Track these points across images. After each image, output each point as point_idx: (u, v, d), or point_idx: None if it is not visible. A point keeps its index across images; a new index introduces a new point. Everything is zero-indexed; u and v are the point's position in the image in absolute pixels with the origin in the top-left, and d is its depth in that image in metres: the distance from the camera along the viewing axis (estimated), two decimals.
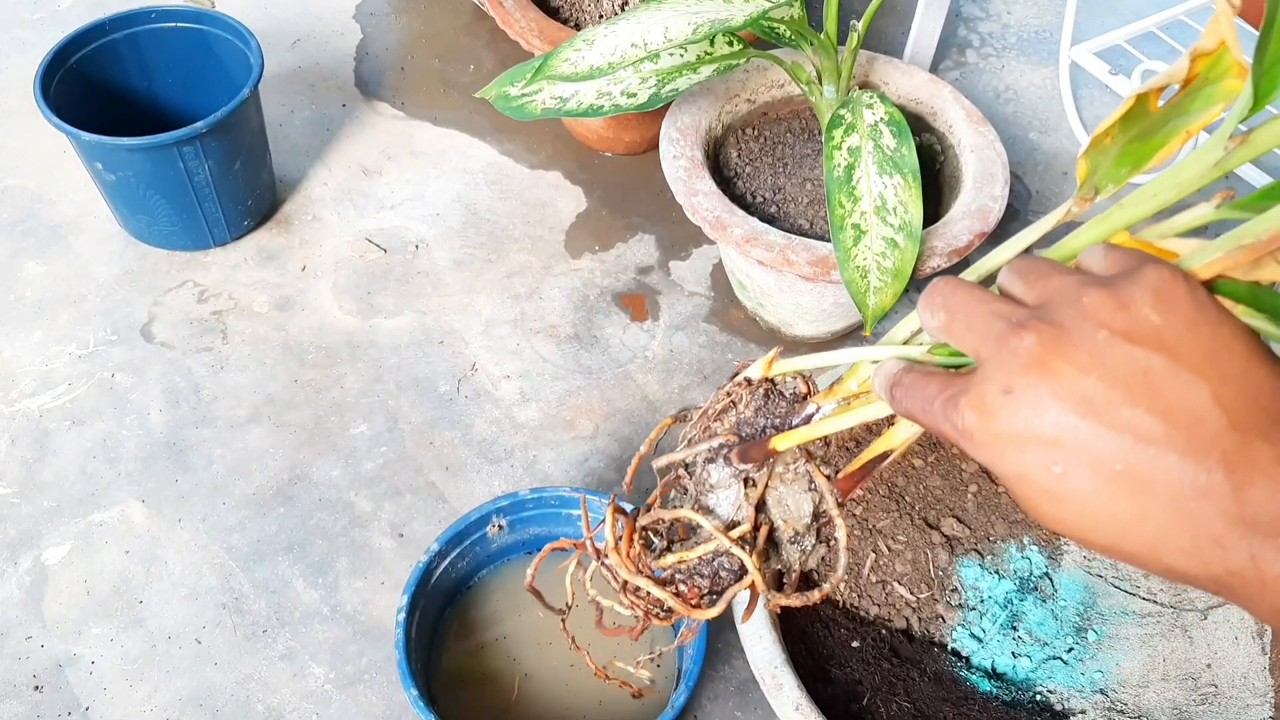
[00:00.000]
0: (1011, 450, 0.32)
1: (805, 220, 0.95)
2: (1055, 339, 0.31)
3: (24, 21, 1.31)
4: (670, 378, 1.00)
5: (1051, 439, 0.31)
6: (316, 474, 0.92)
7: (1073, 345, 0.31)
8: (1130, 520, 0.30)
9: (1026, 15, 1.44)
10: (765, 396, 0.47)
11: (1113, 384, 0.30)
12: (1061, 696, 0.72)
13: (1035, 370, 0.31)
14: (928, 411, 0.35)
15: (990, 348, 0.33)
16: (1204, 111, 0.42)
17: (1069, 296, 0.33)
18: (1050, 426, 0.31)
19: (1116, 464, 0.30)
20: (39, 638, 0.81)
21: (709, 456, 0.47)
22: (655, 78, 0.90)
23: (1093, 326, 0.31)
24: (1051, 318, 0.32)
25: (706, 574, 0.47)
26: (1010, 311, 0.33)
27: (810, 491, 0.46)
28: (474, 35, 1.34)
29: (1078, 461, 0.30)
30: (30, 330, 1.00)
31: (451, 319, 1.04)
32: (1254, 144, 0.37)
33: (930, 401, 0.35)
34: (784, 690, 0.63)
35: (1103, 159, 0.44)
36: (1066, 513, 0.31)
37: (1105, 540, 0.31)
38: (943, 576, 0.77)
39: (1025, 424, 0.31)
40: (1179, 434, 0.30)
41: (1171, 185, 0.39)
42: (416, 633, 0.73)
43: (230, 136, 0.99)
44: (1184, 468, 0.29)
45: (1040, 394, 0.31)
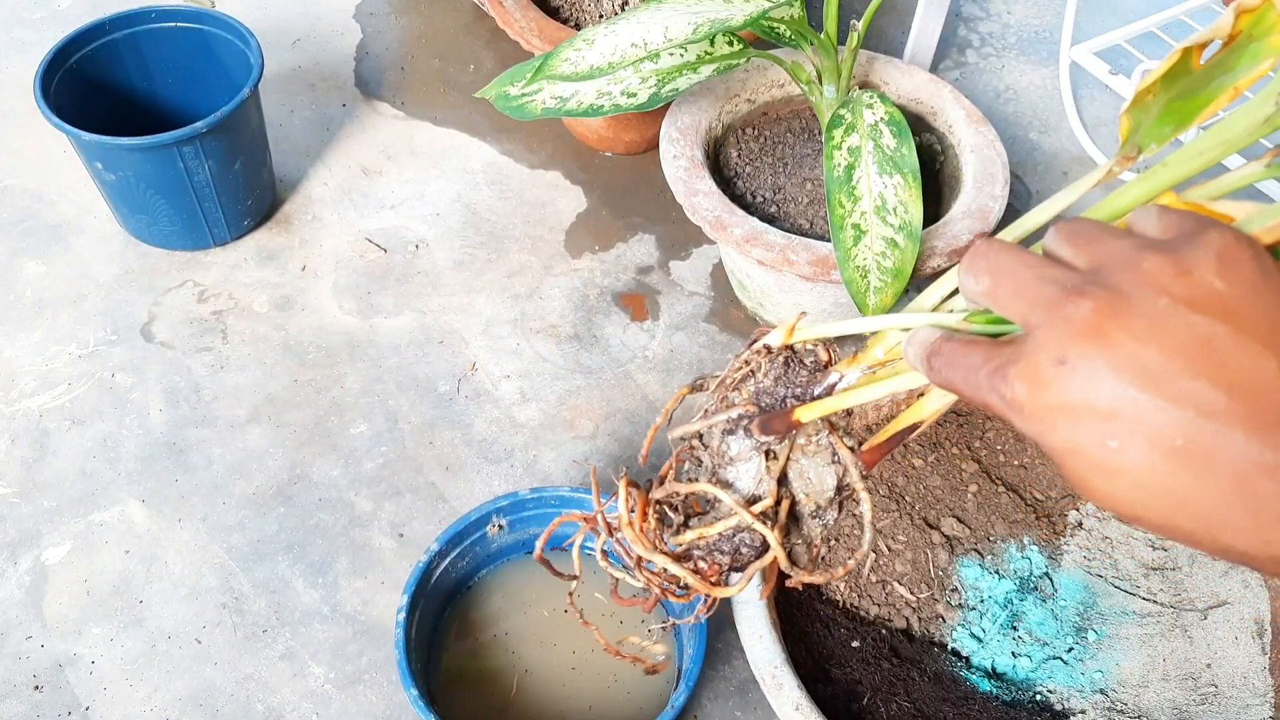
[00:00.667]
0: (1064, 423, 0.30)
1: (805, 220, 0.95)
2: (1113, 306, 0.30)
3: (24, 21, 1.31)
4: (670, 378, 1.00)
5: (1108, 411, 0.29)
6: (316, 474, 0.92)
7: (1131, 313, 0.29)
8: (1188, 497, 0.29)
9: (1026, 15, 1.44)
10: (785, 365, 0.45)
11: (1173, 354, 0.29)
12: (1061, 696, 0.72)
13: (1091, 339, 0.29)
14: (971, 382, 0.33)
15: (1041, 314, 0.31)
16: (1252, 68, 0.40)
17: (1126, 260, 0.31)
18: (1106, 398, 0.29)
19: (1176, 438, 0.28)
20: (39, 637, 0.81)
21: (728, 428, 0.45)
22: (655, 77, 0.90)
23: (1153, 293, 0.29)
24: (1108, 283, 0.30)
25: (727, 550, 0.45)
26: (1062, 276, 0.31)
27: (834, 464, 0.44)
28: (474, 35, 1.34)
29: (1135, 435, 0.29)
30: (30, 330, 1.00)
31: (451, 319, 1.04)
32: None
33: (974, 372, 0.33)
34: (784, 690, 0.63)
35: (1145, 116, 0.42)
36: (1120, 489, 0.30)
37: (1159, 518, 0.30)
38: (943, 576, 0.77)
39: (1080, 395, 0.29)
40: (1243, 408, 0.28)
41: (1219, 143, 0.38)
42: (416, 632, 0.73)
43: (230, 136, 0.99)
44: (1248, 444, 0.28)
45: (1096, 364, 0.29)
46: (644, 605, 0.50)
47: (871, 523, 0.45)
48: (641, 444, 0.94)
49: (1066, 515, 0.81)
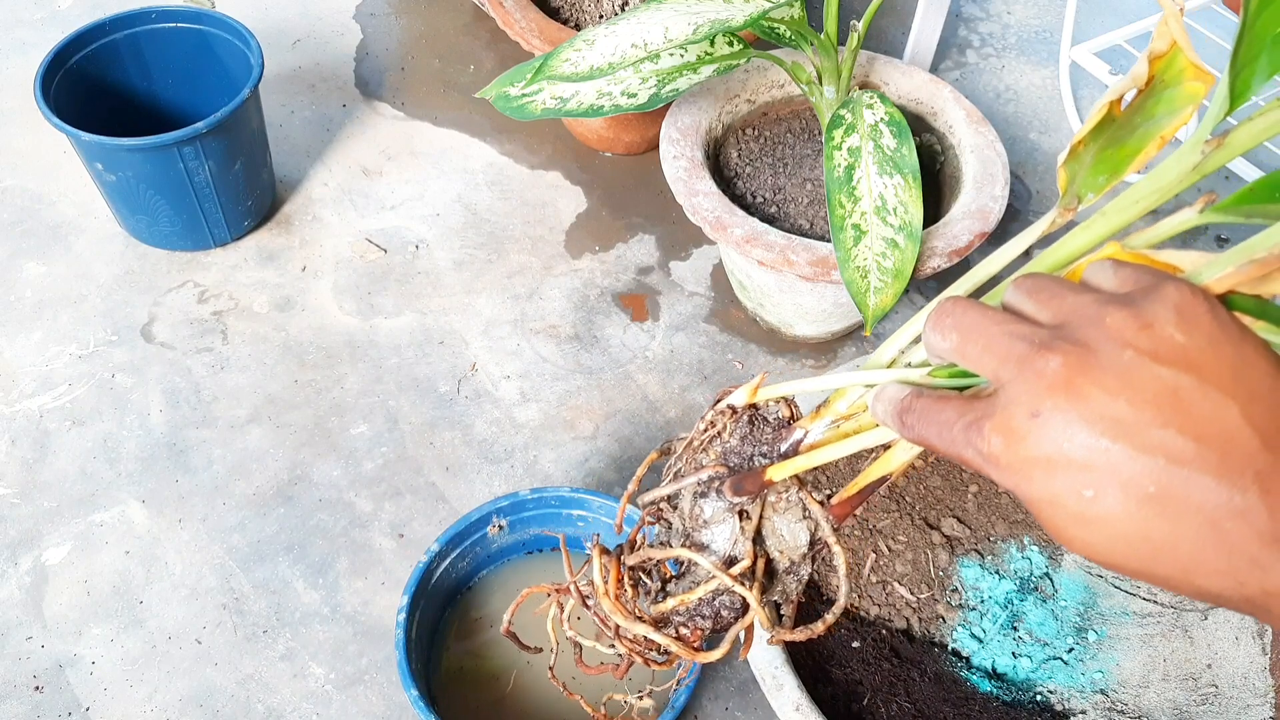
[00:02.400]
0: (1040, 474, 0.31)
1: (805, 220, 0.95)
2: (1081, 360, 0.31)
3: (24, 22, 1.31)
4: (670, 378, 1.00)
5: (1082, 462, 0.30)
6: (317, 474, 0.92)
7: (1099, 366, 0.30)
8: (1163, 543, 0.30)
9: (1026, 15, 1.44)
10: (750, 424, 0.45)
11: (1142, 405, 0.30)
12: (1062, 696, 0.72)
13: (1062, 392, 0.30)
14: (945, 438, 0.34)
15: (1012, 370, 0.32)
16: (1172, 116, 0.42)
17: (1089, 316, 0.32)
18: (1080, 449, 0.30)
19: (1149, 486, 0.29)
20: (39, 638, 0.81)
21: (699, 490, 0.45)
22: (655, 78, 0.90)
23: (1118, 346, 0.31)
24: (1074, 337, 0.31)
25: (708, 614, 0.45)
26: (1029, 332, 0.32)
27: (805, 519, 0.45)
28: (474, 36, 1.34)
29: (1109, 484, 0.30)
30: (30, 331, 1.00)
31: (452, 319, 1.04)
32: (1230, 146, 0.37)
33: (948, 428, 0.34)
34: (784, 690, 0.63)
35: (1079, 168, 0.44)
36: (1097, 537, 0.31)
37: (1137, 565, 0.31)
38: (943, 577, 0.77)
39: (1054, 447, 0.30)
40: (1211, 454, 0.29)
41: (1152, 190, 0.39)
42: (417, 633, 0.73)
43: (230, 137, 0.99)
44: (1218, 489, 0.29)
45: (1069, 417, 0.30)
46: (615, 673, 0.49)
47: (847, 576, 0.45)
48: (642, 444, 0.95)
49: None
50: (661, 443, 0.49)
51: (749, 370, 1.01)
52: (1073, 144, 0.43)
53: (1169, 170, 0.39)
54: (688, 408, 0.98)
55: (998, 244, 0.43)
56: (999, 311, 0.34)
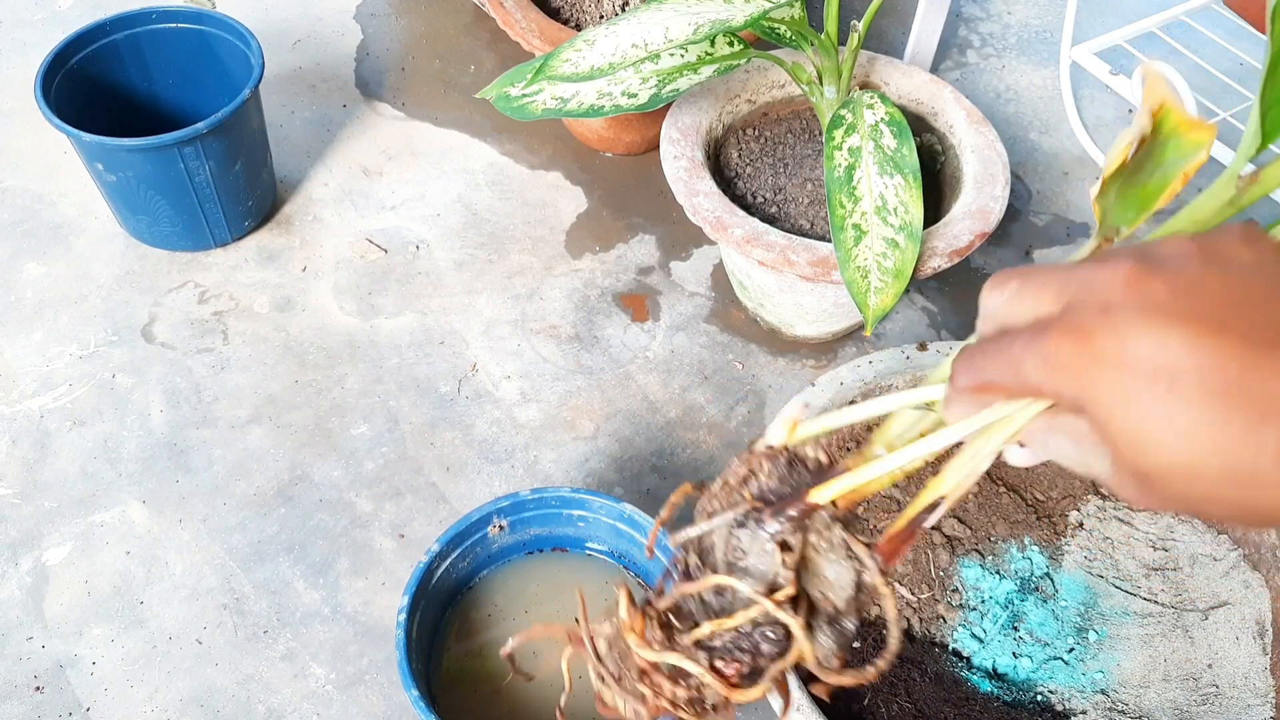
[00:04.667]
0: (1112, 369, 0.29)
1: (806, 220, 0.95)
2: (1150, 266, 0.30)
3: (24, 22, 1.31)
4: (671, 378, 1.00)
5: (1156, 350, 0.28)
6: (317, 474, 0.92)
7: (1169, 269, 0.29)
8: (1250, 428, 0.28)
9: (1027, 15, 1.44)
10: (789, 466, 0.42)
11: (1215, 300, 0.28)
12: (1062, 697, 0.72)
13: (1134, 287, 0.29)
14: (1003, 358, 0.32)
15: (1077, 284, 0.30)
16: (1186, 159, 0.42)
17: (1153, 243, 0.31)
18: (1154, 337, 0.28)
19: (1231, 367, 0.27)
20: (40, 638, 0.81)
21: (739, 522, 0.41)
22: (656, 78, 0.90)
23: (1184, 257, 0.30)
24: (1141, 253, 0.30)
25: (746, 648, 0.41)
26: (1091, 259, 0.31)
27: (850, 559, 0.40)
28: (474, 36, 1.34)
29: (1187, 371, 0.28)
30: (31, 331, 1.00)
31: (452, 319, 1.04)
32: (1264, 182, 0.38)
33: (1008, 348, 0.31)
34: None
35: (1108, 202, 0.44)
36: (1172, 434, 0.28)
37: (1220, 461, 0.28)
38: (944, 577, 0.77)
39: (1127, 337, 0.28)
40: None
41: (1191, 222, 0.39)
42: (417, 633, 0.73)
43: (231, 137, 0.99)
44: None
45: (1142, 307, 0.29)
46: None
47: (896, 619, 0.41)
48: (642, 445, 0.95)
49: (1067, 515, 0.81)
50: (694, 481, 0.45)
51: (749, 370, 1.01)
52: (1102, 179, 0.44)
53: (1205, 204, 0.39)
54: (688, 408, 0.98)
55: (997, 244, 0.42)
56: None
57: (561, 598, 0.80)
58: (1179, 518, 0.80)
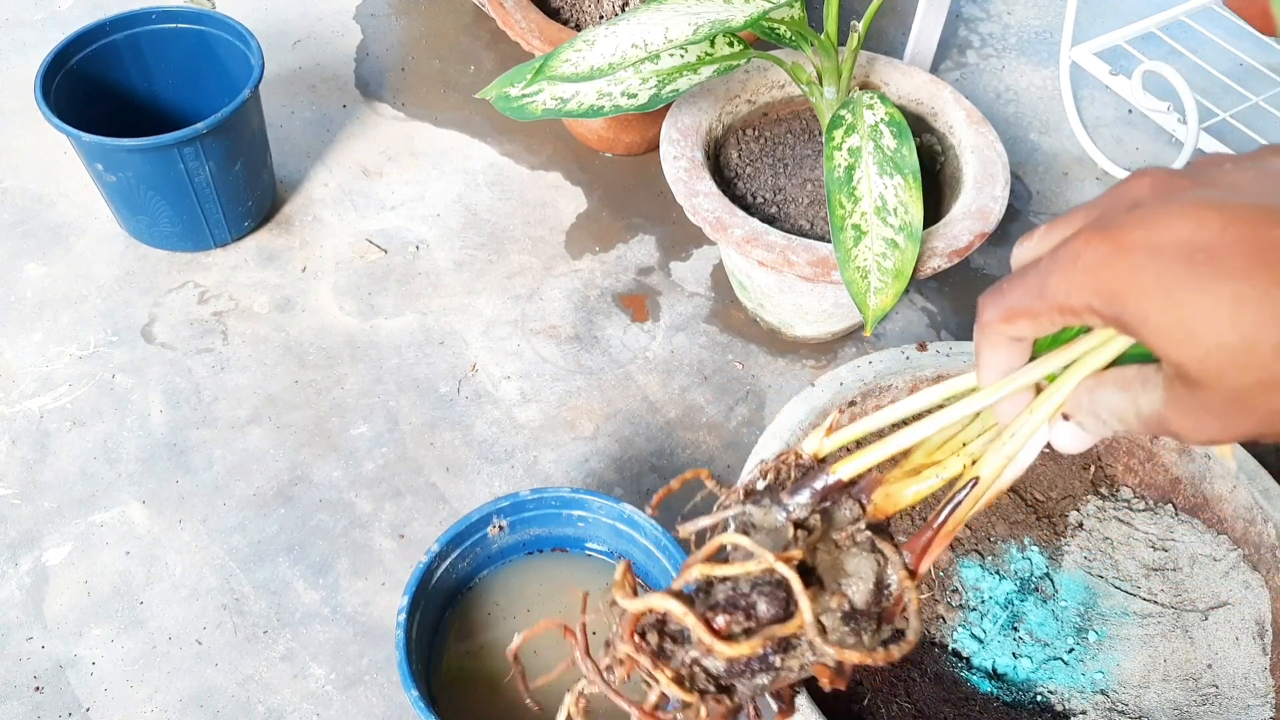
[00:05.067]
0: (1144, 258, 0.28)
1: (806, 221, 0.95)
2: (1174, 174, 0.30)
3: (24, 22, 1.31)
4: (671, 378, 1.00)
5: (1190, 231, 0.27)
6: (317, 475, 0.92)
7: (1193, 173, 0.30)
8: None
9: (1027, 16, 1.44)
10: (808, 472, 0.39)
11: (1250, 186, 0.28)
12: (1062, 697, 0.72)
13: (1163, 186, 0.29)
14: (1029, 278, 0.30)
15: (1104, 199, 0.30)
16: None
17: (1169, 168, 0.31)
18: (1188, 220, 0.27)
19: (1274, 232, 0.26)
20: (39, 638, 0.81)
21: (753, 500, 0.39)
22: (655, 78, 0.90)
23: (1214, 166, 0.30)
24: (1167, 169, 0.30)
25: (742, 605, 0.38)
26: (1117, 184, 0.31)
27: (873, 553, 0.38)
28: (474, 36, 1.34)
29: (1226, 244, 0.27)
30: (31, 331, 1.00)
31: (452, 320, 1.04)
32: None
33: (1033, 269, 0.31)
34: None
35: None
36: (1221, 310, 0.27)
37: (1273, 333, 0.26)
38: (943, 577, 0.77)
39: (1158, 225, 0.28)
40: None
41: None
42: (417, 633, 0.73)
43: (231, 137, 0.99)
44: None
45: (1173, 198, 0.28)
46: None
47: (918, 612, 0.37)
48: (642, 445, 0.95)
49: (1067, 516, 0.81)
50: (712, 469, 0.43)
51: (749, 370, 1.01)
52: None
53: None
54: (688, 408, 0.98)
55: (997, 245, 0.41)
56: None
57: (561, 597, 0.80)
58: (1179, 518, 0.80)
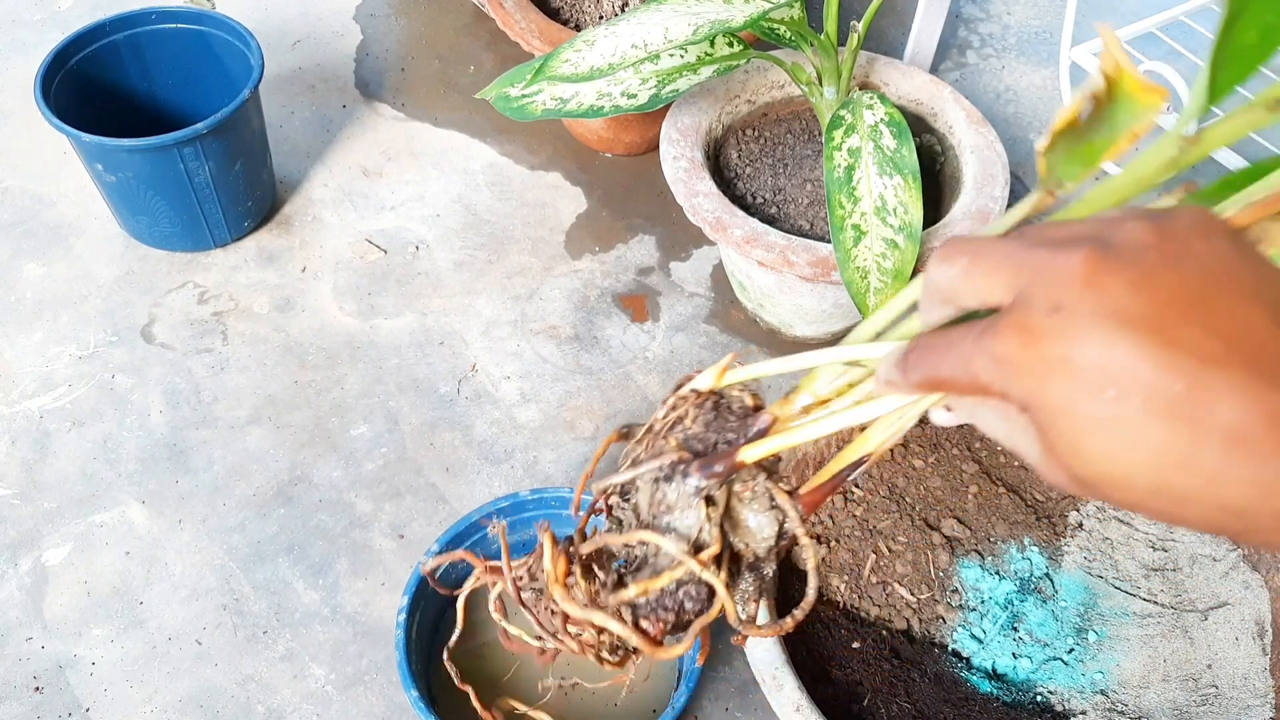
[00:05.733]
0: (1059, 374, 0.29)
1: (806, 221, 0.95)
2: (1104, 256, 0.29)
3: (24, 22, 1.31)
4: (671, 378, 1.00)
5: (1105, 359, 0.28)
6: (317, 475, 0.92)
7: (1124, 263, 0.29)
8: (1188, 448, 0.28)
9: (1026, 16, 1.44)
10: (715, 410, 0.42)
11: (1169, 302, 0.28)
12: (1062, 697, 0.72)
13: (1086, 285, 0.29)
14: (954, 355, 0.32)
15: (1029, 273, 0.30)
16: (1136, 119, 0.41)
17: (1108, 222, 0.31)
18: (1103, 346, 0.28)
19: (1177, 385, 0.27)
20: (39, 639, 0.81)
21: (664, 474, 0.41)
22: (655, 79, 0.90)
23: (1140, 248, 0.29)
24: (1095, 238, 0.30)
25: (670, 606, 0.41)
26: (1047, 238, 0.31)
27: (773, 509, 0.41)
28: (474, 36, 1.34)
29: (1134, 383, 0.28)
30: (31, 331, 1.00)
31: (452, 320, 1.04)
32: (1205, 143, 0.38)
33: (958, 345, 0.32)
34: (784, 691, 0.63)
35: (1056, 158, 0.43)
36: (1117, 444, 0.28)
37: (1155, 475, 0.28)
38: (943, 577, 0.77)
39: (1076, 344, 0.28)
40: (1241, 354, 0.28)
41: (1132, 180, 0.40)
42: (417, 633, 0.73)
43: (230, 137, 0.99)
44: (1250, 389, 0.27)
45: (1093, 310, 0.28)
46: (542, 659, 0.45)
47: (816, 569, 0.41)
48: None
49: (1067, 516, 0.81)
50: (621, 426, 0.45)
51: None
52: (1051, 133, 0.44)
53: (1147, 163, 0.39)
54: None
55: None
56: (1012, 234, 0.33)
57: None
58: None
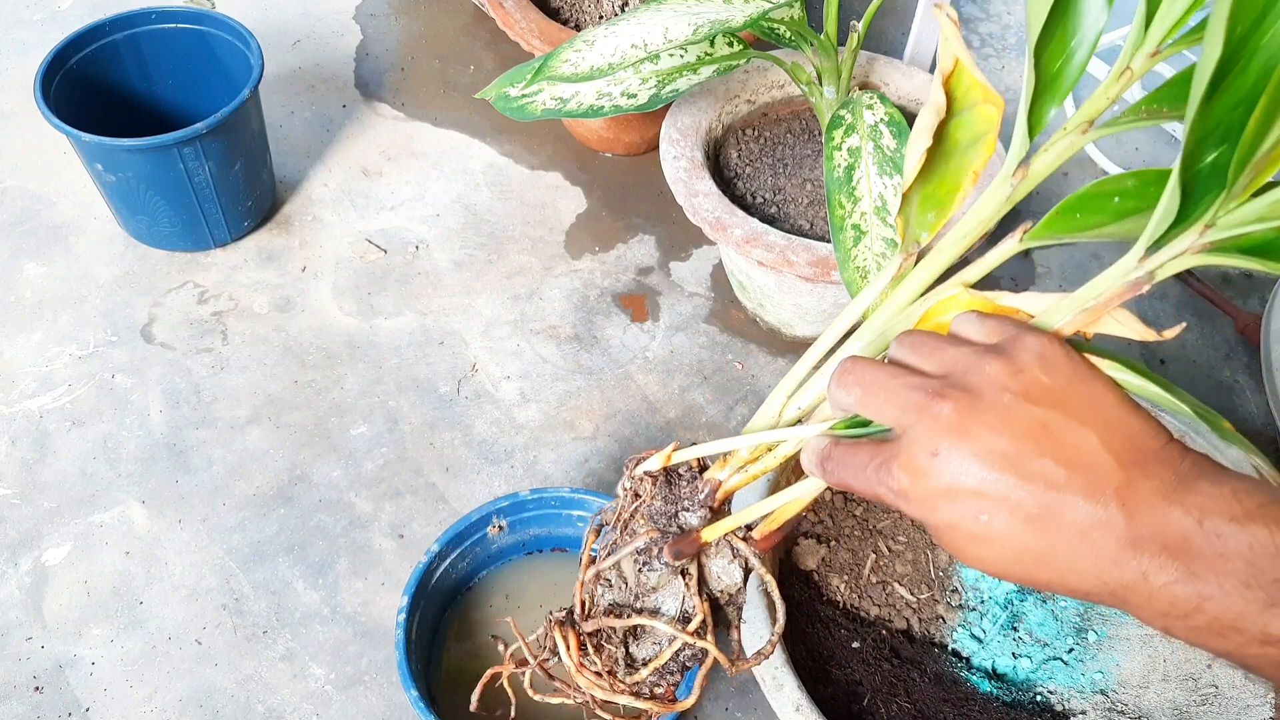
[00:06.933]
0: (943, 504, 0.36)
1: (805, 221, 0.95)
2: (969, 404, 0.36)
3: (24, 22, 1.31)
4: (670, 378, 1.00)
5: (976, 491, 0.36)
6: (317, 475, 0.92)
7: (985, 408, 0.36)
8: (1044, 554, 0.35)
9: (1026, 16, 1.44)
10: (668, 483, 0.50)
11: (1021, 439, 0.36)
12: (1062, 697, 0.72)
13: (956, 433, 0.36)
14: (861, 478, 0.39)
15: (912, 416, 0.38)
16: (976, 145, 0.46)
17: (970, 365, 0.38)
18: (974, 481, 0.36)
19: (1032, 508, 0.35)
20: (39, 639, 0.81)
21: (641, 561, 0.49)
22: (655, 79, 0.90)
23: (997, 390, 0.37)
24: (961, 384, 0.37)
25: (674, 669, 0.50)
26: (921, 382, 0.38)
27: (735, 559, 0.49)
28: (474, 36, 1.34)
29: (999, 508, 0.36)
30: (30, 331, 1.00)
31: (452, 320, 1.04)
32: (1033, 176, 0.43)
33: (862, 469, 0.39)
34: (784, 691, 0.63)
35: (911, 211, 0.48)
36: (990, 553, 0.36)
37: (1021, 573, 0.36)
38: (943, 577, 0.77)
39: (953, 479, 0.36)
40: (1079, 478, 0.35)
41: (976, 224, 0.45)
42: (417, 633, 0.73)
43: (230, 137, 0.99)
44: (1086, 505, 0.35)
45: (963, 454, 0.36)
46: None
47: (781, 599, 0.50)
48: (642, 445, 0.95)
49: None
50: (593, 519, 0.55)
51: (749, 371, 1.01)
52: (903, 193, 0.48)
53: (986, 205, 0.45)
54: (688, 408, 0.98)
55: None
56: (894, 367, 0.40)
57: (560, 598, 0.80)
58: None
